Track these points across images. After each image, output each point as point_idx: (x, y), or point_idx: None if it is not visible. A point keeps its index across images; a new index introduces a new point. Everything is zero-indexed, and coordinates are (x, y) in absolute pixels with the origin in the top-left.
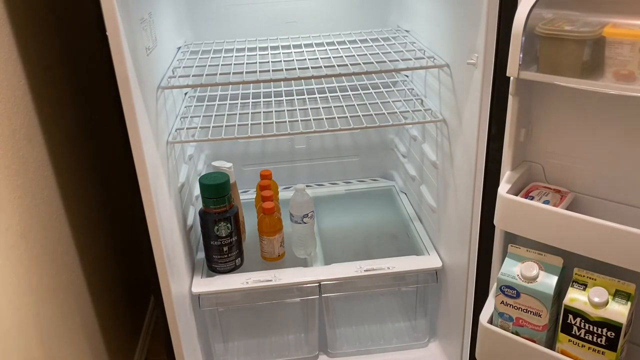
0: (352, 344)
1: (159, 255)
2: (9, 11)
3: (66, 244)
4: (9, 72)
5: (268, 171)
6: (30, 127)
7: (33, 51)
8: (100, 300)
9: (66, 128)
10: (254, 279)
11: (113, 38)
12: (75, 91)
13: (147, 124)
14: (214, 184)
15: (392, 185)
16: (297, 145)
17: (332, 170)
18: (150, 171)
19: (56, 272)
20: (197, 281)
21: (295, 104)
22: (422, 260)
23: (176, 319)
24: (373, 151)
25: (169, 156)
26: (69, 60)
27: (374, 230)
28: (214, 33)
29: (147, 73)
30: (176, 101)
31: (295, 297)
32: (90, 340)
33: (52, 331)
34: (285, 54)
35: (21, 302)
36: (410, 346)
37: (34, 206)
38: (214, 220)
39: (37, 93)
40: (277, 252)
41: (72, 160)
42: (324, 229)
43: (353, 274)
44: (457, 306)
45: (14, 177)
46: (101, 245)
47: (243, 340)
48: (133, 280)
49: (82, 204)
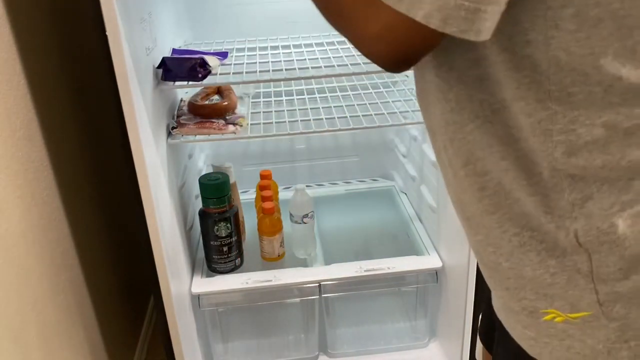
0: (352, 344)
1: (159, 255)
2: (9, 11)
3: (66, 243)
4: (9, 72)
5: (268, 171)
6: (30, 127)
7: (33, 51)
8: (100, 300)
9: (66, 128)
10: (254, 279)
11: (113, 38)
12: (75, 91)
13: (147, 124)
14: (214, 184)
15: (392, 185)
16: (297, 145)
17: (332, 170)
18: (150, 171)
19: (56, 272)
20: (197, 281)
21: (295, 104)
22: (422, 260)
23: (176, 319)
24: (373, 151)
25: (169, 156)
26: (69, 60)
27: (374, 230)
28: (214, 33)
29: (147, 73)
30: (177, 101)
31: (295, 298)
32: (90, 340)
33: (52, 331)
34: (285, 54)
35: (21, 302)
36: (410, 346)
37: (34, 206)
38: (214, 220)
39: (37, 93)
40: (277, 252)
41: (72, 160)
42: (324, 229)
43: (353, 274)
44: (457, 306)
45: (14, 177)
46: (101, 245)
47: (243, 340)
48: (133, 280)
49: (82, 204)
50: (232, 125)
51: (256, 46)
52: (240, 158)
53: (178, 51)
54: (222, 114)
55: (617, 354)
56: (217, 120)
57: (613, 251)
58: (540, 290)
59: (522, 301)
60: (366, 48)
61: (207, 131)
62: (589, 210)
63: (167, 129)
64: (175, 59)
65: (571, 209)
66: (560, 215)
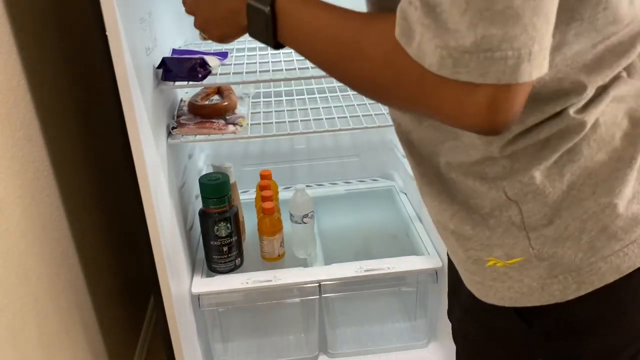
0: (352, 344)
1: (159, 255)
2: (9, 11)
3: (66, 243)
4: (9, 72)
5: (268, 171)
6: (30, 127)
7: (33, 51)
8: (100, 300)
9: (66, 128)
10: (254, 279)
11: (113, 38)
12: (75, 91)
13: (147, 124)
14: (214, 184)
15: (392, 185)
16: (297, 145)
17: (332, 170)
18: (150, 171)
19: (56, 272)
20: (197, 281)
21: (295, 104)
22: (422, 260)
23: (176, 319)
24: (373, 151)
25: (169, 156)
26: (69, 60)
27: (374, 230)
28: None
29: (147, 73)
30: (177, 101)
31: (295, 298)
32: (90, 340)
33: (52, 331)
34: (285, 53)
35: (21, 302)
36: (410, 346)
37: (34, 206)
38: (214, 220)
39: (37, 93)
40: (277, 252)
41: (72, 160)
42: (324, 229)
43: (353, 274)
44: None
45: (14, 177)
46: (101, 245)
47: (243, 340)
48: (133, 280)
49: (82, 204)
50: (232, 125)
51: (256, 46)
52: (240, 158)
53: (178, 51)
54: (222, 114)
55: (549, 288)
56: (217, 120)
57: (537, 200)
58: (483, 242)
59: (468, 251)
60: (464, 125)
61: (207, 131)
62: (514, 169)
63: (167, 129)
64: (175, 59)
65: (502, 171)
66: (493, 179)
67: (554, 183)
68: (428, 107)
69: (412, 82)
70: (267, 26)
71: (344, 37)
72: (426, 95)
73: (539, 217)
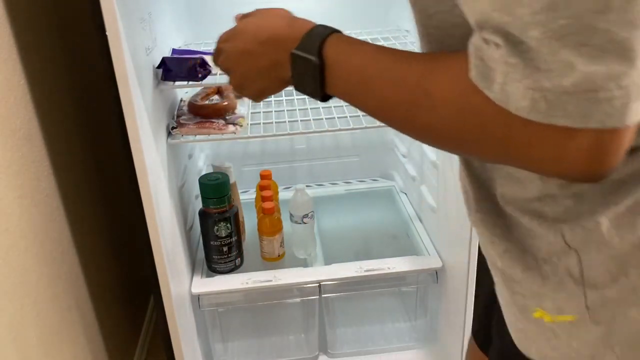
0: (352, 344)
1: (158, 256)
2: (9, 11)
3: (66, 243)
4: (9, 72)
5: (268, 171)
6: (30, 127)
7: (33, 51)
8: (100, 300)
9: (66, 128)
10: (254, 279)
11: (113, 38)
12: (75, 91)
13: (147, 124)
14: (214, 184)
15: (392, 185)
16: (297, 145)
17: (332, 170)
18: (150, 171)
19: (56, 272)
20: (196, 281)
21: (295, 104)
22: (422, 260)
23: (176, 319)
24: (373, 151)
25: (169, 156)
26: (69, 60)
27: (374, 230)
28: (214, 33)
29: (147, 73)
30: (176, 101)
31: (296, 298)
32: (90, 340)
33: (52, 331)
34: None
35: (21, 302)
36: (410, 346)
37: (34, 206)
38: (214, 220)
39: (37, 93)
40: (277, 252)
41: (72, 160)
42: (324, 229)
43: (353, 274)
44: (457, 306)
45: (14, 177)
46: (101, 245)
47: (243, 340)
48: (133, 280)
49: (82, 204)
50: (232, 125)
51: None
52: (240, 158)
53: (178, 51)
54: (222, 114)
55: (601, 359)
56: (217, 120)
57: (601, 251)
58: (533, 289)
59: (515, 295)
60: (561, 173)
61: (207, 131)
62: (577, 211)
63: (167, 129)
64: (175, 59)
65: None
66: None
67: (623, 233)
68: (516, 155)
69: (494, 128)
70: (314, 76)
71: (406, 83)
72: (514, 142)
73: (600, 272)
